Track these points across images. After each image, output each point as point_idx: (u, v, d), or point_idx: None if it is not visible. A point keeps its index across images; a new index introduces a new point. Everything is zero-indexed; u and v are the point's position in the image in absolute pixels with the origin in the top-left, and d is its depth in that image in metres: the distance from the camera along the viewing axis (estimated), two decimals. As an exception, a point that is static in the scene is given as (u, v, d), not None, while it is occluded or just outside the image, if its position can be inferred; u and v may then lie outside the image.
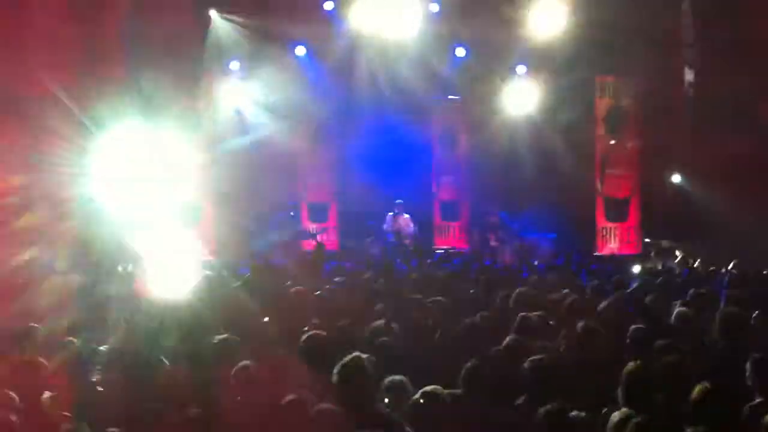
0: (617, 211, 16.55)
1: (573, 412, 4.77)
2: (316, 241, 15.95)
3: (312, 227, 16.81)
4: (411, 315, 7.34)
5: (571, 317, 7.36)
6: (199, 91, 16.03)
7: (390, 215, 16.25)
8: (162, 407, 4.88)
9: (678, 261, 12.36)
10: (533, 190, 16.84)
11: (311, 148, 17.38)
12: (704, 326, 7.07)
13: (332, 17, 16.26)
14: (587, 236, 16.53)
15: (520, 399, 5.33)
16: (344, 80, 16.88)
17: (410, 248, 15.80)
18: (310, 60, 16.91)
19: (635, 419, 4.64)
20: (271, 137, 16.34)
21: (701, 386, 5.01)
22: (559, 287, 9.63)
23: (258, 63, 16.24)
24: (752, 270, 10.51)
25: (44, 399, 5.26)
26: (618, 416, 4.94)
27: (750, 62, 14.07)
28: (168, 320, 7.30)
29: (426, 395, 4.81)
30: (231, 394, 5.44)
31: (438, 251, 16.68)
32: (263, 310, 8.24)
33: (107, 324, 7.31)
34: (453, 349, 6.55)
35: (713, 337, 6.62)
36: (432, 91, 17.17)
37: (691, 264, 12.04)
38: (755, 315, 7.37)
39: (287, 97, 16.54)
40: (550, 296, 8.78)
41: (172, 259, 14.55)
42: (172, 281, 11.24)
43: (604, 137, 16.75)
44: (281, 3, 16.10)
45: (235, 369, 5.58)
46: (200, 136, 15.97)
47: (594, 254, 16.03)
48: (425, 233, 17.06)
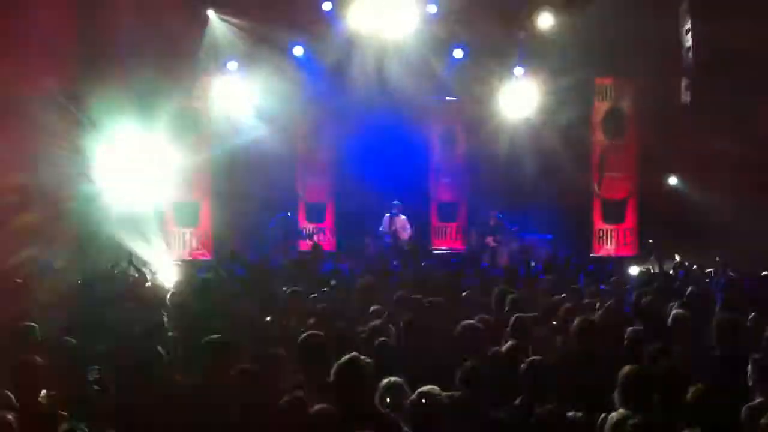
0: (614, 213, 16.56)
1: (570, 413, 4.77)
2: (313, 242, 15.95)
3: (309, 228, 16.80)
4: (408, 316, 7.32)
5: (568, 319, 7.38)
6: (197, 91, 16.03)
7: (387, 216, 16.22)
8: (160, 407, 4.87)
9: (675, 263, 12.37)
10: (531, 192, 16.84)
11: (309, 149, 17.39)
12: (700, 328, 7.08)
13: (330, 18, 16.24)
14: (584, 238, 16.54)
15: (518, 400, 5.33)
16: (342, 81, 16.84)
17: (407, 249, 15.78)
18: (308, 60, 16.88)
19: (632, 420, 4.65)
20: (269, 137, 16.32)
21: (696, 387, 5.02)
22: (556, 289, 9.66)
23: (255, 63, 16.21)
24: (748, 272, 10.53)
25: (41, 398, 5.26)
26: (615, 417, 4.95)
27: (748, 65, 14.09)
28: (165, 320, 7.32)
29: (423, 395, 4.80)
30: (229, 395, 5.44)
31: (435, 252, 16.68)
32: (260, 311, 8.26)
33: (104, 323, 7.31)
34: (450, 350, 6.56)
35: (709, 340, 6.62)
36: (430, 92, 17.17)
37: (688, 266, 12.04)
38: (751, 317, 7.39)
39: (285, 97, 16.52)
40: (547, 299, 8.79)
41: (169, 259, 14.60)
42: (169, 281, 11.27)
43: (602, 139, 16.77)
44: (279, 3, 16.06)
45: (233, 370, 5.58)
46: (197, 136, 15.98)
47: (591, 256, 16.04)
48: (422, 234, 17.06)
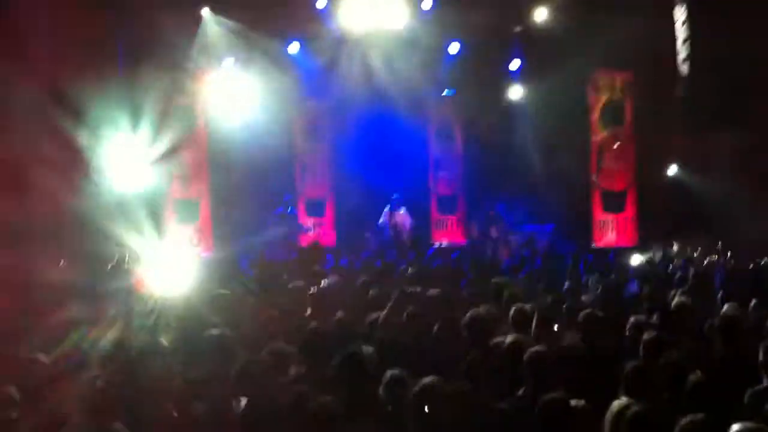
0: (614, 203, 16.54)
1: (573, 401, 4.78)
2: (313, 238, 15.97)
3: (309, 223, 16.80)
4: (409, 309, 7.32)
5: (569, 309, 7.39)
6: (193, 89, 16.00)
7: (387, 210, 16.23)
8: (162, 402, 4.87)
9: (676, 252, 12.38)
10: (530, 184, 16.84)
11: (307, 144, 17.38)
12: (703, 316, 7.09)
13: (325, 14, 16.23)
14: (584, 228, 16.54)
15: (521, 391, 5.33)
16: (339, 76, 16.86)
17: (407, 242, 15.79)
18: (304, 56, 16.89)
19: (633, 408, 4.65)
20: (266, 133, 16.32)
21: (696, 375, 5.03)
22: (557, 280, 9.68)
23: (252, 60, 16.20)
24: (749, 260, 10.53)
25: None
26: (618, 405, 4.95)
27: (744, 56, 14.07)
28: (166, 316, 7.32)
29: (425, 388, 4.80)
30: (230, 389, 5.45)
31: (435, 245, 16.69)
32: (262, 306, 8.26)
33: (106, 319, 7.31)
34: (452, 342, 6.56)
35: (712, 329, 6.63)
36: (427, 87, 17.17)
37: (689, 255, 12.05)
38: (752, 305, 7.40)
39: (282, 94, 16.52)
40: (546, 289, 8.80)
41: (170, 255, 14.59)
42: (170, 277, 11.25)
43: (600, 131, 16.74)
44: (274, 1, 16.06)
45: (236, 364, 5.59)
46: (195, 134, 15.96)
47: (591, 246, 16.03)
48: (422, 227, 17.06)
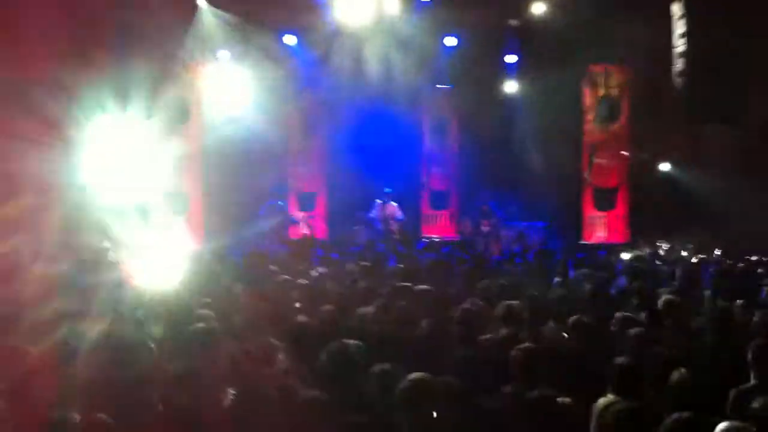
0: (605, 200, 16.55)
1: (559, 399, 4.78)
2: (306, 229, 15.95)
3: (300, 216, 16.78)
4: (399, 303, 7.32)
5: (558, 307, 7.38)
6: (187, 80, 15.95)
7: (378, 203, 16.22)
8: (149, 395, 4.86)
9: (666, 250, 12.41)
10: (523, 179, 16.85)
11: (300, 137, 17.35)
12: (690, 314, 7.10)
13: (321, 6, 16.19)
14: (575, 225, 16.55)
15: (509, 387, 5.33)
16: (334, 69, 16.83)
17: (398, 236, 15.78)
18: (300, 49, 16.86)
19: (618, 406, 4.67)
20: (260, 126, 16.29)
21: (679, 372, 5.04)
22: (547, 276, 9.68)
23: (246, 52, 16.16)
24: (739, 257, 10.55)
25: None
26: (603, 402, 4.97)
27: (741, 51, 14.08)
28: (154, 308, 7.30)
29: (413, 383, 4.80)
30: (217, 382, 5.44)
31: (426, 240, 16.69)
32: (251, 298, 8.24)
33: (93, 311, 7.29)
34: (441, 337, 6.56)
35: (700, 325, 6.65)
36: (422, 80, 17.15)
37: (679, 252, 12.08)
38: (738, 303, 7.42)
39: (276, 86, 16.49)
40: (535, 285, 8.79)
41: (160, 248, 14.56)
42: (159, 269, 11.23)
43: (593, 126, 16.74)
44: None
45: (223, 358, 5.58)
46: (188, 125, 15.92)
47: (581, 243, 16.05)
48: (413, 222, 17.05)
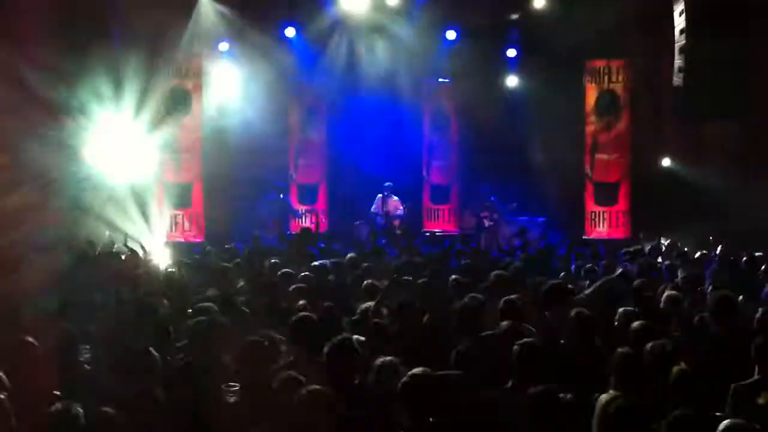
0: (607, 196, 16.54)
1: (561, 394, 4.78)
2: (315, 220, 15.97)
3: (302, 209, 16.77)
4: (400, 297, 7.32)
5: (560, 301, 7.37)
6: (188, 72, 15.92)
7: (379, 197, 16.23)
8: (152, 387, 4.86)
9: (667, 245, 12.38)
10: (523, 174, 16.84)
11: (301, 130, 17.34)
12: (693, 309, 7.10)
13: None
14: (577, 220, 16.54)
15: (510, 381, 5.33)
16: (335, 62, 16.84)
17: (399, 230, 15.77)
18: (300, 41, 16.84)
19: (618, 402, 4.67)
20: (261, 118, 16.29)
21: (679, 368, 5.03)
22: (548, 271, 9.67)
23: (247, 44, 16.14)
24: (741, 253, 10.53)
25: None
26: (604, 399, 4.96)
27: (741, 46, 14.04)
28: (157, 299, 7.30)
29: (414, 377, 4.80)
30: (221, 375, 5.44)
31: (427, 234, 16.69)
32: (253, 291, 8.25)
33: (96, 303, 7.30)
34: (442, 331, 6.56)
35: (703, 320, 6.64)
36: (423, 74, 17.15)
37: (681, 248, 12.05)
38: (739, 299, 7.41)
39: (276, 79, 16.48)
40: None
41: (161, 240, 14.59)
42: (161, 261, 11.25)
43: (594, 121, 16.72)
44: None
45: (227, 351, 5.58)
46: (189, 117, 15.91)
47: (583, 238, 16.03)
48: (415, 216, 17.05)
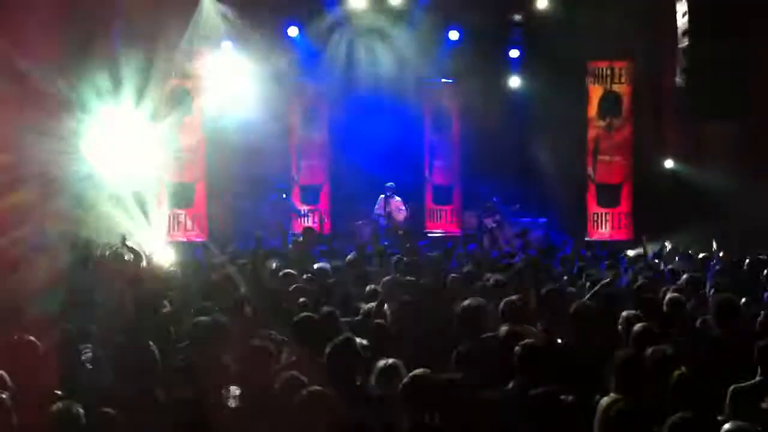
0: (609, 197, 16.51)
1: (563, 396, 4.78)
2: (317, 222, 15.96)
3: (304, 209, 16.77)
4: (402, 298, 7.33)
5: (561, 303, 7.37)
6: (190, 71, 15.91)
7: (382, 198, 16.22)
8: (153, 387, 4.86)
9: (669, 247, 12.37)
10: (526, 175, 16.83)
11: (303, 131, 17.33)
12: (696, 312, 7.09)
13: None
14: (579, 221, 16.53)
15: (511, 383, 5.33)
16: (337, 62, 16.85)
17: (401, 231, 15.77)
18: (302, 41, 16.85)
19: (619, 405, 4.67)
20: (263, 119, 16.29)
21: (680, 371, 5.03)
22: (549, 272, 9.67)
23: (249, 44, 16.15)
24: (744, 255, 10.50)
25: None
26: (606, 401, 4.96)
27: (744, 47, 14.02)
28: (158, 300, 7.30)
29: (415, 378, 4.80)
30: (222, 376, 5.45)
31: (430, 235, 16.69)
32: (254, 292, 8.24)
33: (98, 303, 7.30)
34: (444, 332, 6.56)
35: (706, 323, 6.63)
36: (425, 75, 17.14)
37: (683, 250, 12.04)
38: (742, 302, 7.40)
39: (279, 79, 16.48)
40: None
41: (163, 240, 14.59)
42: (163, 261, 11.24)
43: (597, 123, 16.70)
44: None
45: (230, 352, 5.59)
46: (191, 117, 15.90)
47: (585, 240, 16.02)
48: (417, 217, 17.05)
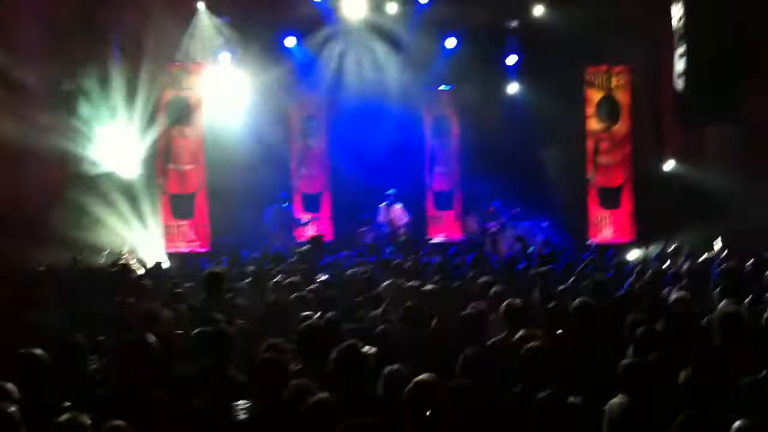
0: (610, 199, 16.51)
1: (570, 398, 4.79)
2: (315, 233, 15.95)
3: (305, 218, 16.78)
4: (406, 304, 7.33)
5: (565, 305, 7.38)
6: (189, 82, 15.93)
7: (383, 206, 16.25)
8: (161, 397, 4.87)
9: (672, 249, 12.36)
10: (526, 179, 16.84)
11: (303, 139, 17.36)
12: (700, 313, 7.09)
13: (322, 7, 16.22)
14: (580, 224, 16.53)
15: (518, 387, 5.33)
16: (335, 71, 16.89)
17: (404, 237, 15.78)
18: (300, 49, 16.89)
19: (627, 407, 4.67)
20: (261, 127, 16.33)
21: (687, 370, 5.04)
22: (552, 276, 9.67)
23: (248, 54, 16.19)
24: (748, 255, 10.49)
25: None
26: (614, 403, 4.96)
27: (742, 50, 14.04)
28: (162, 310, 7.32)
29: (420, 384, 4.81)
30: (227, 385, 5.46)
31: (432, 241, 16.70)
32: (260, 301, 8.26)
33: (103, 313, 7.31)
34: (449, 338, 6.57)
35: (710, 323, 6.63)
36: (424, 81, 17.18)
37: (687, 251, 12.03)
38: (747, 301, 7.41)
39: (278, 88, 16.52)
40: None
41: (164, 250, 14.61)
42: (164, 271, 11.26)
43: (596, 126, 16.71)
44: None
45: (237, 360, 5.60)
46: (190, 128, 15.90)
47: (587, 242, 16.01)
48: (419, 223, 17.06)
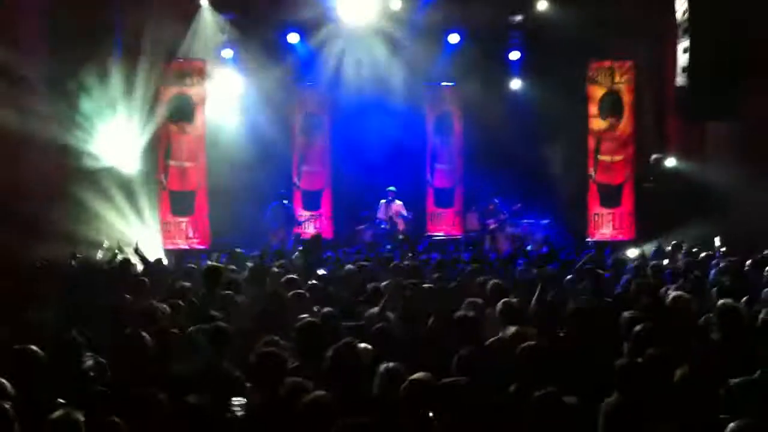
0: (611, 197, 16.48)
1: (565, 398, 4.77)
2: (315, 230, 15.95)
3: (305, 215, 16.78)
4: (404, 301, 7.33)
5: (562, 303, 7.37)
6: (191, 80, 15.92)
7: (383, 202, 16.25)
8: (155, 394, 4.86)
9: (671, 246, 12.36)
10: (527, 176, 16.83)
11: (304, 136, 17.35)
12: (698, 311, 7.09)
13: (324, 3, 16.20)
14: (580, 221, 16.51)
15: (513, 386, 5.32)
16: (337, 67, 16.88)
17: (403, 235, 15.78)
18: (302, 46, 16.88)
19: (622, 405, 4.66)
20: (264, 125, 16.33)
21: (683, 369, 5.03)
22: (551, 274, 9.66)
23: (250, 51, 16.18)
24: (747, 253, 10.50)
25: None
26: (610, 402, 4.95)
27: (744, 46, 14.00)
28: (160, 307, 7.30)
29: (416, 382, 4.80)
30: (225, 382, 5.45)
31: (432, 238, 16.69)
32: (258, 298, 8.25)
33: (100, 311, 7.30)
34: (446, 336, 6.56)
35: (707, 322, 6.63)
36: (426, 78, 17.17)
37: (686, 249, 12.03)
38: (744, 300, 7.40)
39: (279, 85, 16.52)
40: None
41: (162, 247, 14.62)
42: (163, 268, 11.25)
43: (598, 123, 16.68)
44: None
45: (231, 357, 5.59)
46: (192, 125, 15.91)
47: (587, 240, 16.00)
48: (419, 220, 17.06)
